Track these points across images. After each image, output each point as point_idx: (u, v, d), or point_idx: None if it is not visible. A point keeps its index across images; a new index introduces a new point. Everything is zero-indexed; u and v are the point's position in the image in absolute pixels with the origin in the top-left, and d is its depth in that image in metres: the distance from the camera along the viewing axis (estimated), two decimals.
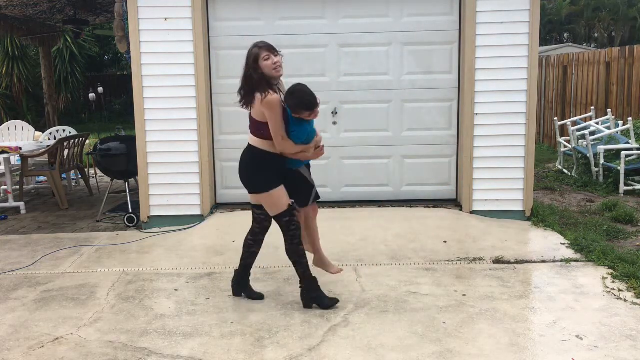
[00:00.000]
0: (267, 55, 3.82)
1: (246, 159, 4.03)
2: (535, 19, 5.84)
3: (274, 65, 3.83)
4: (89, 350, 3.53)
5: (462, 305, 4.08)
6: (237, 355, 3.44)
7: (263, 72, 3.82)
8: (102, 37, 19.87)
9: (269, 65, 3.82)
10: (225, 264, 5.06)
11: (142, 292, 4.48)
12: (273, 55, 3.84)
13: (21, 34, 11.05)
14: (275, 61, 3.84)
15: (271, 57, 3.83)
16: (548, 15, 28.76)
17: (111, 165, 6.65)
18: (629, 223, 6.13)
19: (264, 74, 3.82)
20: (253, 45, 3.89)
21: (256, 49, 3.85)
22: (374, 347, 3.48)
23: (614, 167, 7.73)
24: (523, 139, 6.00)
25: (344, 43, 6.18)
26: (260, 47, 3.85)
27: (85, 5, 9.12)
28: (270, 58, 3.83)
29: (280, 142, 3.86)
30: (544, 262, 4.95)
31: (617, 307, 3.99)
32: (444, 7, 6.15)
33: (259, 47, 3.85)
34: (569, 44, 23.34)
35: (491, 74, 5.94)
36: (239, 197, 6.48)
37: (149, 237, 5.90)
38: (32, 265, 5.16)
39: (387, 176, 6.39)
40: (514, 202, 6.09)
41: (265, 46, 3.85)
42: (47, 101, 12.87)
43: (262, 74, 3.82)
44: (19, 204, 7.30)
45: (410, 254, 5.19)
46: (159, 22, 5.94)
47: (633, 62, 9.55)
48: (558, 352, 3.38)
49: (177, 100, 6.04)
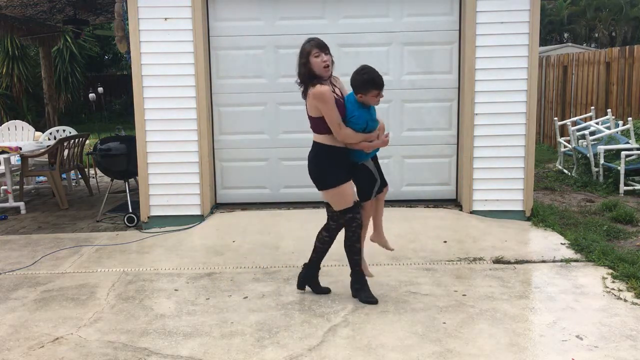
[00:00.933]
0: (318, 53, 3.89)
1: (311, 156, 4.11)
2: (535, 19, 5.84)
3: (324, 63, 3.90)
4: (89, 350, 3.53)
5: (462, 305, 4.08)
6: (237, 355, 3.44)
7: (312, 68, 3.89)
8: (102, 37, 19.88)
9: (318, 62, 3.89)
10: (225, 264, 5.06)
11: (142, 292, 4.48)
12: (323, 54, 3.91)
13: (21, 34, 11.06)
14: (325, 59, 3.91)
15: (321, 55, 3.90)
16: (549, 16, 28.77)
17: (111, 165, 6.64)
18: (629, 223, 6.13)
19: (313, 70, 3.90)
20: (306, 41, 3.98)
21: (308, 45, 3.94)
22: (374, 347, 3.48)
23: (614, 167, 7.73)
24: (523, 139, 6.00)
25: (344, 43, 6.17)
26: (312, 44, 3.93)
27: (85, 5, 9.13)
28: (320, 56, 3.89)
29: (339, 131, 3.92)
30: (544, 262, 4.95)
31: (617, 307, 3.99)
32: (444, 7, 6.15)
33: (310, 44, 3.93)
34: (568, 44, 23.36)
35: (491, 74, 5.94)
36: (239, 197, 6.51)
37: (149, 237, 5.90)
38: (32, 265, 5.16)
39: (387, 176, 6.30)
40: (514, 202, 6.09)
41: (317, 44, 3.92)
42: (47, 101, 12.87)
43: (310, 69, 3.90)
44: (19, 204, 7.30)
45: (410, 254, 5.19)
46: (159, 22, 5.94)
47: (633, 62, 9.55)
48: (558, 352, 3.38)
49: (177, 100, 6.04)
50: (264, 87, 6.30)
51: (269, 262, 5.02)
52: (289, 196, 6.45)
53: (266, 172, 6.45)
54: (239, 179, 6.47)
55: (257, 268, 4.94)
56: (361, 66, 4.01)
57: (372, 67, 3.98)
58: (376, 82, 3.92)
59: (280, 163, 6.40)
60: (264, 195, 6.49)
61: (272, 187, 6.48)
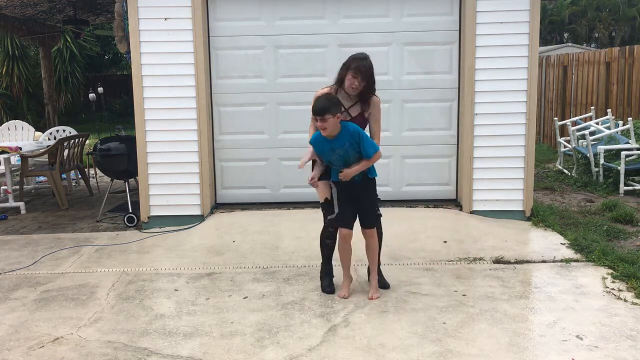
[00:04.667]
0: (354, 75, 4.01)
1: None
2: (535, 19, 5.84)
3: (351, 85, 4.06)
4: (89, 350, 3.53)
5: (462, 305, 4.08)
6: (237, 355, 3.44)
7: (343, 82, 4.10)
8: (102, 37, 19.88)
9: (348, 81, 4.06)
10: (225, 264, 5.06)
11: (142, 292, 4.48)
12: (356, 79, 4.01)
13: (21, 34, 11.05)
14: (354, 83, 4.04)
15: (354, 80, 4.01)
16: (550, 16, 28.77)
17: (111, 165, 6.64)
18: (629, 223, 6.13)
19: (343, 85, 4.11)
20: (352, 57, 4.09)
21: (351, 62, 4.06)
22: (374, 347, 3.48)
23: (614, 167, 7.73)
24: (523, 139, 6.00)
25: (344, 43, 6.17)
26: (353, 66, 4.02)
27: (85, 5, 9.12)
28: (353, 79, 4.02)
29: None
30: (544, 262, 4.95)
31: (617, 307, 3.99)
32: (444, 7, 6.15)
33: (352, 65, 4.03)
34: (568, 43, 23.36)
35: (491, 74, 5.94)
36: (239, 197, 6.51)
37: (149, 237, 5.90)
38: (32, 265, 5.16)
39: (387, 176, 6.39)
40: (514, 202, 6.09)
41: (356, 67, 4.00)
42: (47, 101, 12.86)
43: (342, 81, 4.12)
44: (19, 204, 7.30)
45: (410, 254, 5.19)
46: (159, 22, 5.94)
47: (633, 62, 9.55)
48: (558, 352, 3.38)
49: (177, 100, 6.04)
50: (264, 87, 6.30)
51: (269, 262, 5.02)
52: (289, 196, 6.45)
53: (266, 172, 6.45)
54: (239, 179, 6.47)
55: (257, 268, 4.94)
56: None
57: (321, 95, 4.02)
58: (312, 108, 3.95)
59: (280, 163, 6.40)
60: (264, 195, 6.49)
61: (272, 187, 6.48)
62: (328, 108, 3.85)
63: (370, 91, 4.11)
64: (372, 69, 4.06)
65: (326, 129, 3.88)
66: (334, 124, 3.89)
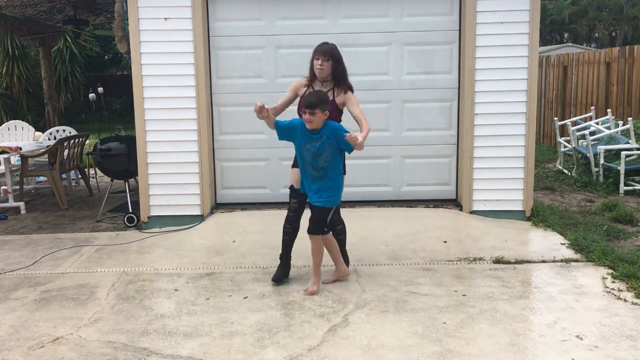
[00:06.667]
0: (317, 57, 4.34)
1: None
2: (535, 19, 5.84)
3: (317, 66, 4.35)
4: (89, 350, 3.53)
5: (462, 305, 4.08)
6: (237, 355, 3.44)
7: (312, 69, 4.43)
8: (102, 37, 19.88)
9: (314, 65, 4.39)
10: (225, 264, 5.06)
11: (142, 292, 4.48)
12: (317, 60, 4.32)
13: (21, 34, 11.05)
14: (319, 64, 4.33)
15: (316, 60, 4.33)
16: (550, 16, 28.76)
17: (111, 165, 6.64)
18: (629, 223, 6.13)
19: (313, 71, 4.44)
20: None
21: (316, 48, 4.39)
22: (374, 347, 3.48)
23: (614, 167, 7.73)
24: (523, 139, 6.00)
25: (344, 43, 6.13)
26: (316, 48, 4.37)
27: (85, 5, 9.12)
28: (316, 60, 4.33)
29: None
30: (544, 262, 4.95)
31: (617, 307, 3.99)
32: (444, 7, 6.15)
33: (315, 48, 4.38)
34: (568, 44, 23.36)
35: (491, 74, 5.94)
36: (239, 197, 6.51)
37: (149, 237, 5.90)
38: (32, 265, 5.16)
39: (387, 176, 6.39)
40: (514, 202, 6.09)
41: (319, 49, 4.34)
42: (47, 101, 12.86)
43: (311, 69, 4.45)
44: (19, 204, 7.30)
45: (410, 254, 5.19)
46: (159, 22, 5.94)
47: (633, 62, 9.55)
48: (558, 352, 3.38)
49: (177, 100, 6.04)
50: (264, 87, 6.30)
51: (269, 262, 5.02)
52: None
53: (266, 172, 6.45)
54: (239, 179, 6.47)
55: (257, 268, 4.94)
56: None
57: (314, 91, 4.30)
58: (305, 100, 4.16)
59: (280, 163, 6.39)
60: (263, 195, 6.49)
61: (272, 187, 6.48)
62: (319, 104, 4.09)
63: (340, 73, 4.36)
64: (335, 51, 4.33)
65: (313, 122, 4.11)
66: (321, 119, 4.11)
